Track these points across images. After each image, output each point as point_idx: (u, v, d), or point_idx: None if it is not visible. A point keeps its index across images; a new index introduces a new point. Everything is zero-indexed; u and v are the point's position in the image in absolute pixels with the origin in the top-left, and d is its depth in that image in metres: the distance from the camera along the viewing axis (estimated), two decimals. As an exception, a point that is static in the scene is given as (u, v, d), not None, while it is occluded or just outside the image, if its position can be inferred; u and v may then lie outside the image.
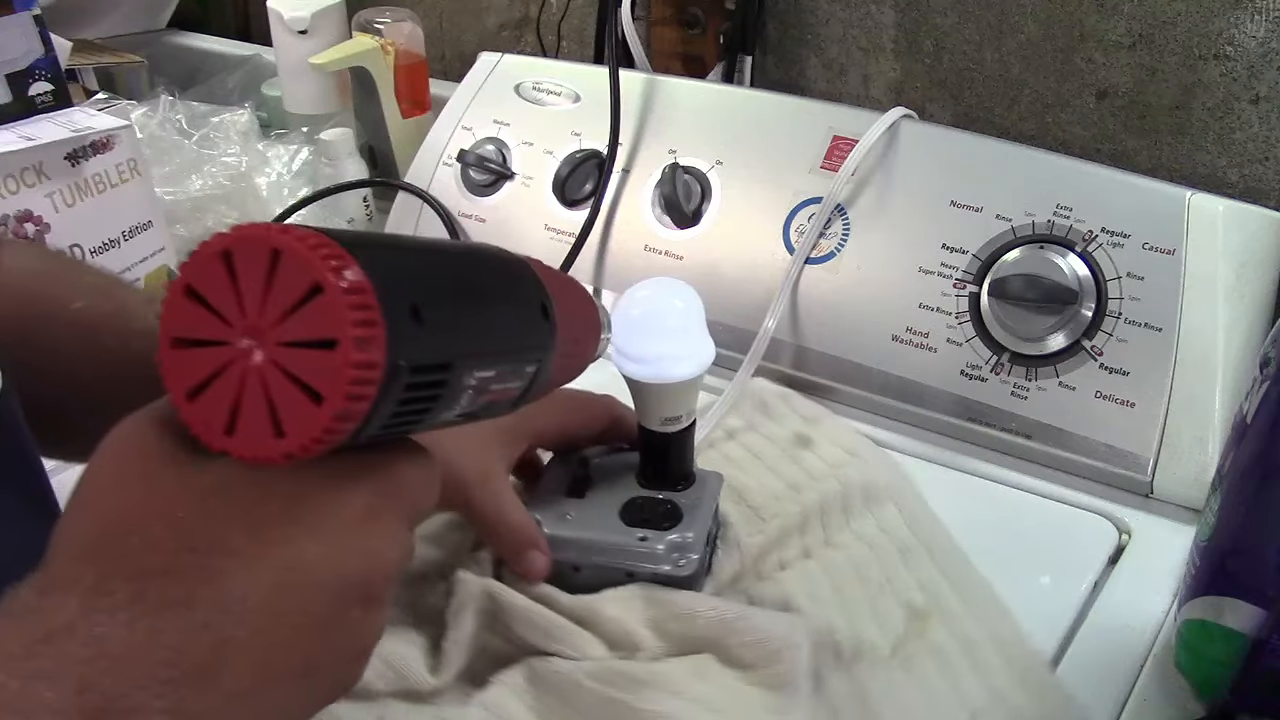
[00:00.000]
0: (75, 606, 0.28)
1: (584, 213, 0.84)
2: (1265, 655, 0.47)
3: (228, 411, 0.28)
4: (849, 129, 0.79)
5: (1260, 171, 0.81)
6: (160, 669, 0.28)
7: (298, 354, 0.27)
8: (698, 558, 0.54)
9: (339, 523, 0.31)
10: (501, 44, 1.18)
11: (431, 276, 0.32)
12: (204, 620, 0.28)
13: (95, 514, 0.30)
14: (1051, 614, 0.57)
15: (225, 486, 0.30)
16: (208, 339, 0.28)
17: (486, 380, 0.33)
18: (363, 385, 0.27)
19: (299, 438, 0.27)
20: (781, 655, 0.49)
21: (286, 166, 0.96)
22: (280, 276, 0.27)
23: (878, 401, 0.74)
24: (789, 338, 0.75)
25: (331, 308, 0.27)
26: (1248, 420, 0.47)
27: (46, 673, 0.26)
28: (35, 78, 0.79)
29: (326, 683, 0.33)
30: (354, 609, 0.32)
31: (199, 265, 0.28)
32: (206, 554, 0.29)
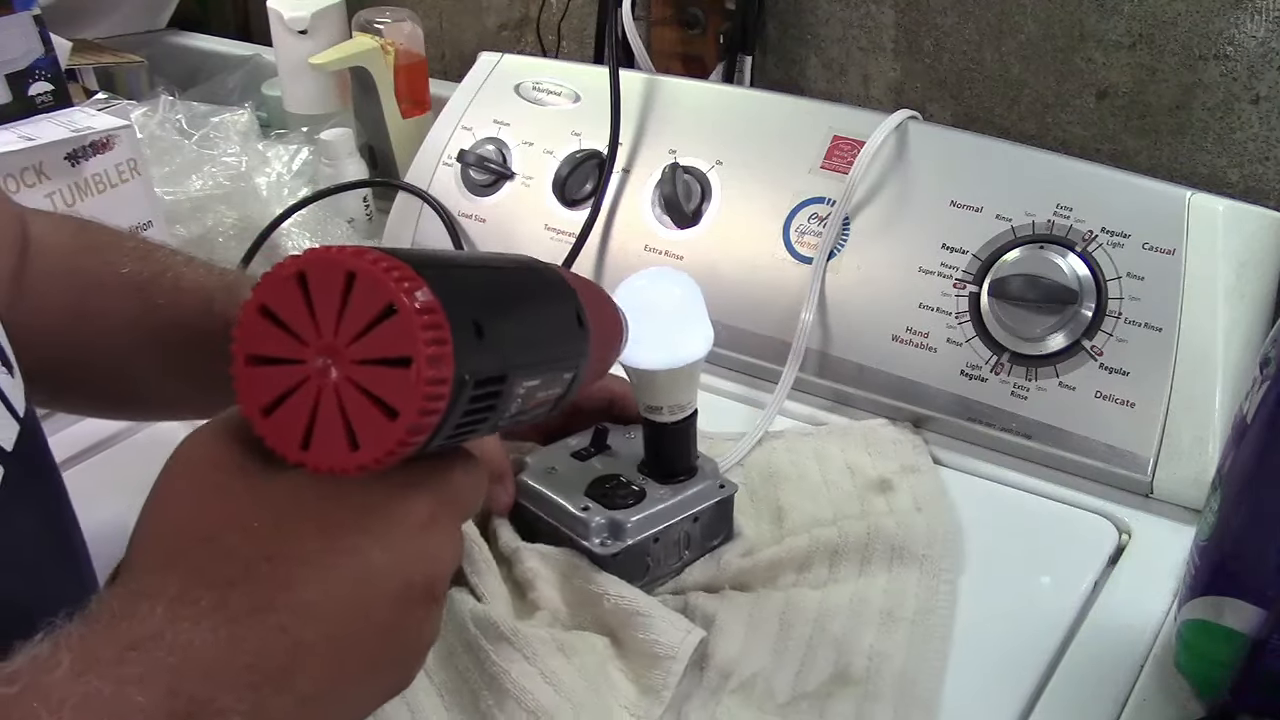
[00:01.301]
0: (161, 615, 0.29)
1: (584, 213, 0.84)
2: (1265, 655, 0.47)
3: (304, 426, 0.29)
4: (849, 129, 0.79)
5: (1260, 171, 0.81)
6: (242, 673, 0.29)
7: (372, 371, 0.29)
8: (624, 545, 0.55)
9: (404, 529, 0.32)
10: (501, 44, 1.18)
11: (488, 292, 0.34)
12: (281, 625, 0.30)
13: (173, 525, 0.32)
14: (1051, 614, 0.57)
15: (297, 496, 0.31)
16: (282, 357, 0.29)
17: (533, 389, 0.35)
18: (435, 400, 0.29)
19: (373, 451, 0.29)
20: (661, 663, 0.51)
21: (286, 166, 0.96)
22: (355, 298, 0.29)
23: (878, 401, 0.74)
24: (788, 337, 0.75)
25: (405, 327, 0.28)
26: (1248, 420, 0.47)
27: (137, 678, 0.28)
28: (35, 78, 0.79)
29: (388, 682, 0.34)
30: (416, 610, 0.33)
31: (274, 286, 0.29)
32: (282, 562, 0.30)
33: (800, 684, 0.52)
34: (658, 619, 0.52)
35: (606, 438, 0.61)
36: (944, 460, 0.70)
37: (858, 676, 0.52)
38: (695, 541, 0.59)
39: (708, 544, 0.59)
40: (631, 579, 0.55)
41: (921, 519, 0.61)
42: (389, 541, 0.32)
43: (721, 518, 0.60)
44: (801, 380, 0.75)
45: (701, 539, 0.59)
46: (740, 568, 0.58)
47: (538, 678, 0.49)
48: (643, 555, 0.56)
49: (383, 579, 0.32)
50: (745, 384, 0.77)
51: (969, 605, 0.58)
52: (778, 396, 0.72)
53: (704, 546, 0.59)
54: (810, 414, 0.74)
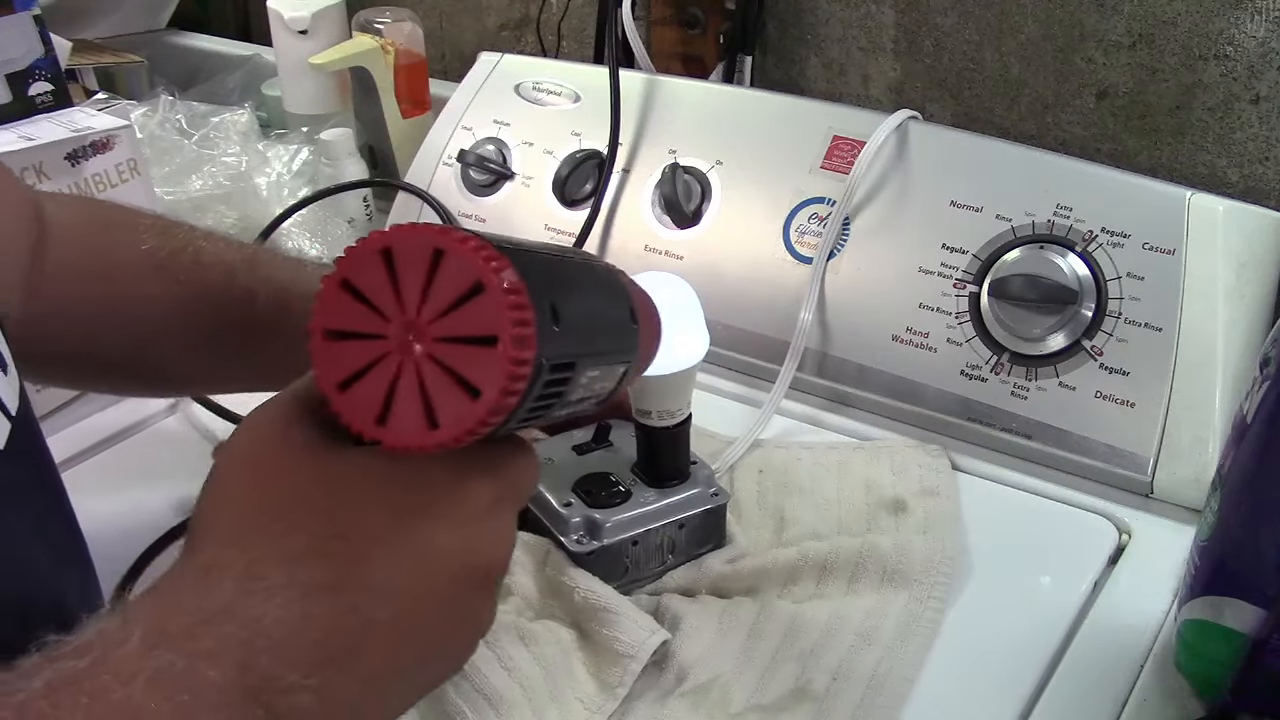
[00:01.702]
0: (231, 589, 0.29)
1: (584, 213, 0.84)
2: (1265, 655, 0.47)
3: (381, 402, 0.29)
4: (849, 129, 0.79)
5: (1260, 171, 0.81)
6: (311, 649, 0.29)
7: (456, 349, 0.28)
8: (600, 545, 0.55)
9: (470, 513, 0.32)
10: (501, 44, 1.18)
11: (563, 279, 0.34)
12: (351, 604, 0.30)
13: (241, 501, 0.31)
14: (1051, 614, 0.57)
15: (366, 475, 0.31)
16: (363, 332, 0.29)
17: (593, 380, 0.35)
18: (517, 381, 0.28)
19: (453, 429, 0.29)
20: (620, 661, 0.51)
21: (286, 166, 0.96)
22: (442, 274, 0.28)
23: (878, 401, 0.74)
24: (788, 337, 0.75)
25: (493, 306, 0.28)
26: (1248, 420, 0.47)
27: (209, 652, 0.28)
28: (35, 78, 0.79)
29: (445, 664, 0.34)
30: (477, 594, 0.34)
31: (358, 261, 0.29)
32: (351, 540, 0.30)
33: (758, 695, 0.52)
34: (623, 617, 0.52)
35: (609, 433, 0.61)
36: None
37: (816, 694, 0.51)
38: (680, 547, 0.59)
39: (694, 550, 0.59)
40: (608, 578, 0.55)
41: (922, 543, 0.60)
42: (455, 524, 0.32)
43: (711, 525, 0.59)
44: (802, 380, 0.75)
45: (687, 545, 0.59)
46: (720, 574, 0.58)
47: (495, 663, 0.50)
48: (620, 556, 0.57)
49: (448, 561, 0.32)
50: (745, 384, 0.77)
51: (969, 605, 0.58)
52: (774, 396, 0.72)
53: (689, 553, 0.59)
54: (810, 414, 0.74)
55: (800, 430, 0.73)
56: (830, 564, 0.58)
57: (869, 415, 0.74)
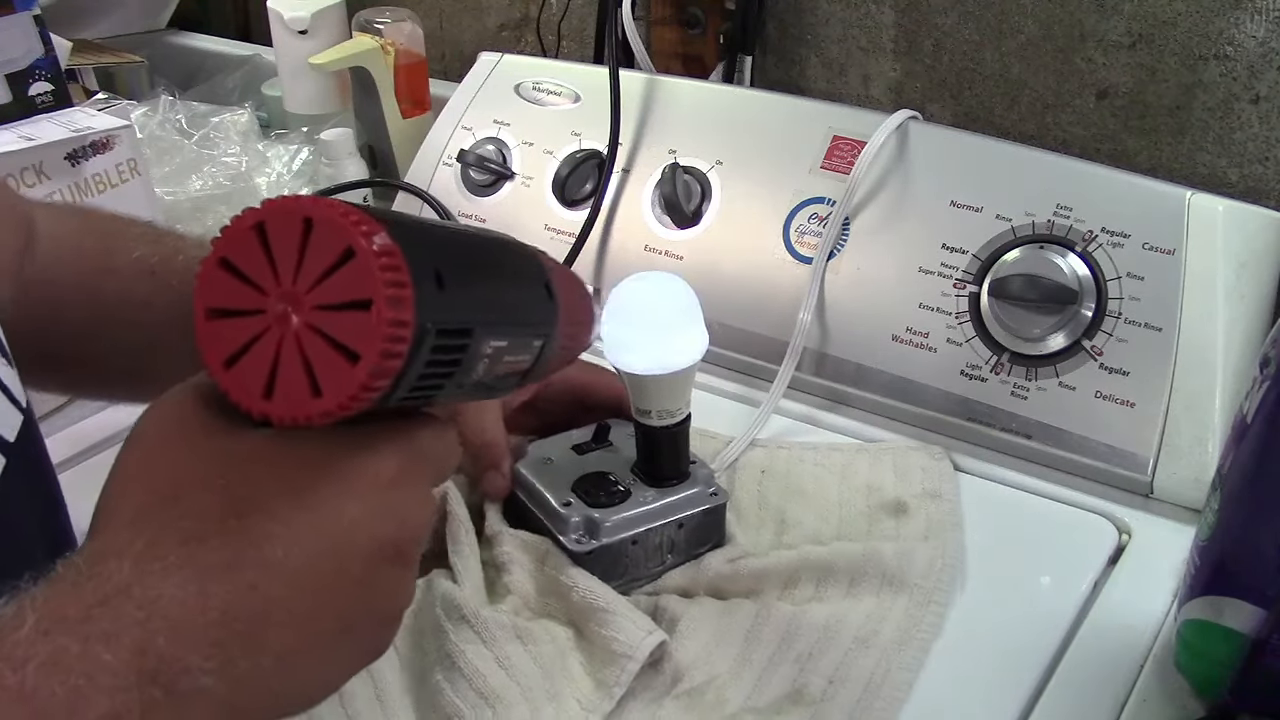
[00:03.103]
0: (129, 571, 0.28)
1: (584, 213, 0.84)
2: (1265, 655, 0.47)
3: (265, 376, 0.29)
4: (849, 129, 0.79)
5: (1260, 171, 0.81)
6: (210, 630, 0.29)
7: (333, 316, 0.28)
8: (599, 544, 0.56)
9: (372, 485, 0.32)
10: (501, 44, 1.18)
11: (450, 247, 0.33)
12: (250, 582, 0.29)
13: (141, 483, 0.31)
14: (1051, 614, 0.57)
15: (264, 453, 0.31)
16: (243, 309, 0.29)
17: (500, 350, 0.35)
18: (396, 343, 0.28)
19: (336, 396, 0.28)
20: (618, 660, 0.51)
21: (286, 166, 0.96)
22: (313, 243, 0.28)
23: (878, 401, 0.74)
24: (788, 337, 0.75)
25: (364, 270, 0.28)
26: (1248, 420, 0.47)
27: (104, 634, 0.27)
28: (35, 78, 0.79)
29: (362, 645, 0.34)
30: (387, 570, 0.33)
31: (232, 238, 0.29)
32: (250, 518, 0.30)
33: (753, 698, 0.51)
34: (621, 617, 0.52)
35: (609, 433, 0.61)
36: (944, 460, 0.70)
37: (812, 697, 0.51)
38: (679, 547, 0.59)
39: (693, 550, 0.59)
40: (607, 578, 0.55)
41: (924, 548, 0.59)
42: (356, 497, 0.32)
43: (710, 525, 0.59)
44: (801, 380, 0.75)
45: (686, 545, 0.59)
46: (720, 573, 0.58)
47: (492, 661, 0.50)
48: (620, 556, 0.57)
49: (350, 535, 0.31)
50: (744, 384, 0.77)
51: (969, 605, 0.58)
52: (773, 396, 0.72)
53: (689, 553, 0.59)
54: (811, 414, 0.74)
55: (800, 430, 0.73)
56: (831, 567, 0.58)
57: (869, 415, 0.74)
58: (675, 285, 0.57)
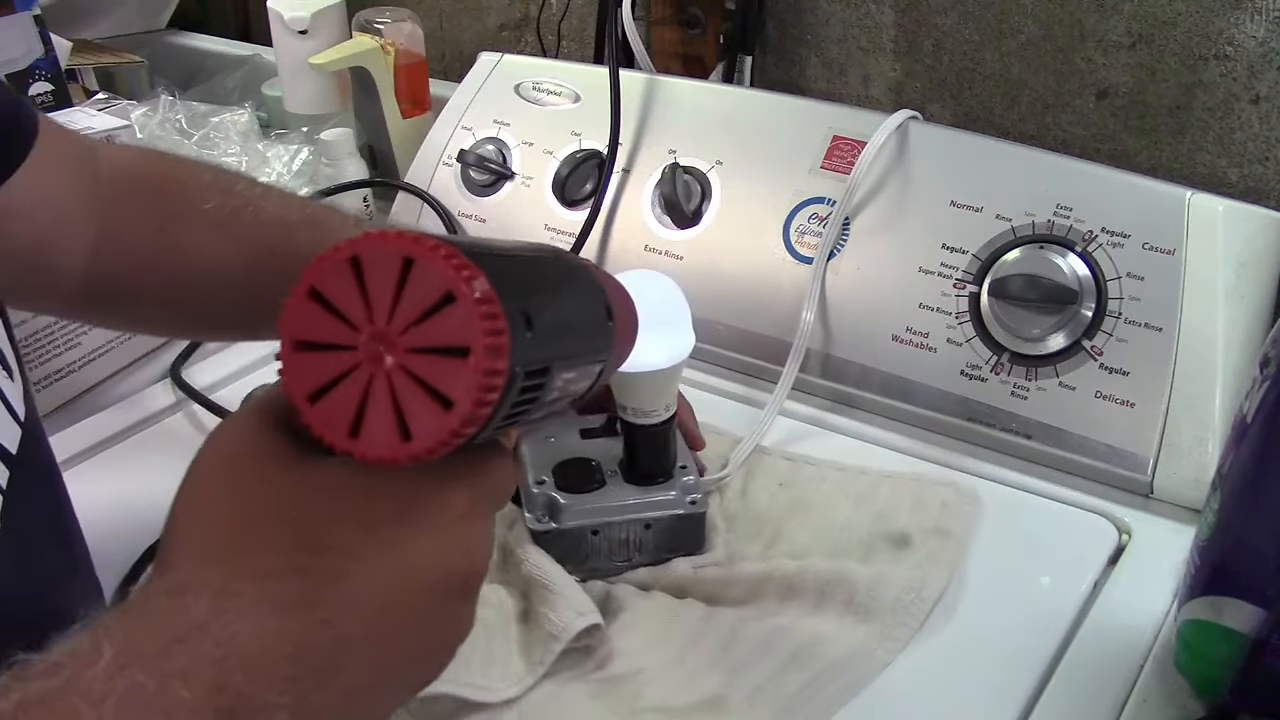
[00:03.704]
0: (205, 607, 0.28)
1: (584, 213, 0.84)
2: (1265, 655, 0.47)
3: (353, 414, 0.29)
4: (849, 129, 0.79)
5: (1260, 171, 0.81)
6: (284, 666, 0.28)
7: (428, 360, 0.28)
8: (555, 527, 0.56)
9: (445, 521, 0.32)
10: (501, 44, 1.18)
11: (534, 283, 0.33)
12: (325, 618, 0.29)
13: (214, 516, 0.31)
14: (1051, 614, 0.57)
15: (340, 487, 0.31)
16: (333, 343, 0.29)
17: (568, 381, 0.35)
18: (490, 392, 0.28)
19: (425, 441, 0.28)
20: (546, 639, 0.52)
21: (286, 166, 0.96)
22: (412, 283, 0.28)
23: (878, 401, 0.74)
24: (788, 337, 0.75)
25: (465, 317, 0.27)
26: (1248, 420, 0.47)
27: (182, 672, 0.27)
28: (35, 78, 0.79)
29: (423, 674, 0.34)
30: (454, 603, 0.33)
31: (326, 270, 0.29)
32: (326, 553, 0.30)
33: (670, 698, 0.51)
34: (559, 597, 0.52)
35: (617, 423, 0.61)
36: (944, 460, 0.70)
37: (730, 708, 0.50)
38: (647, 547, 0.59)
39: (662, 554, 0.59)
40: (564, 561, 0.56)
41: (901, 578, 0.57)
42: (431, 533, 0.31)
43: (684, 532, 0.59)
44: (802, 380, 0.75)
45: (655, 547, 0.59)
46: (683, 578, 0.58)
47: None
48: (579, 542, 0.57)
49: (423, 571, 0.31)
50: (745, 384, 0.77)
51: (969, 605, 0.58)
52: (777, 397, 0.72)
53: (657, 555, 0.59)
54: (812, 415, 0.74)
55: (808, 431, 0.73)
56: (797, 585, 0.56)
57: (869, 415, 0.74)
58: (663, 284, 0.57)
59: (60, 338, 0.73)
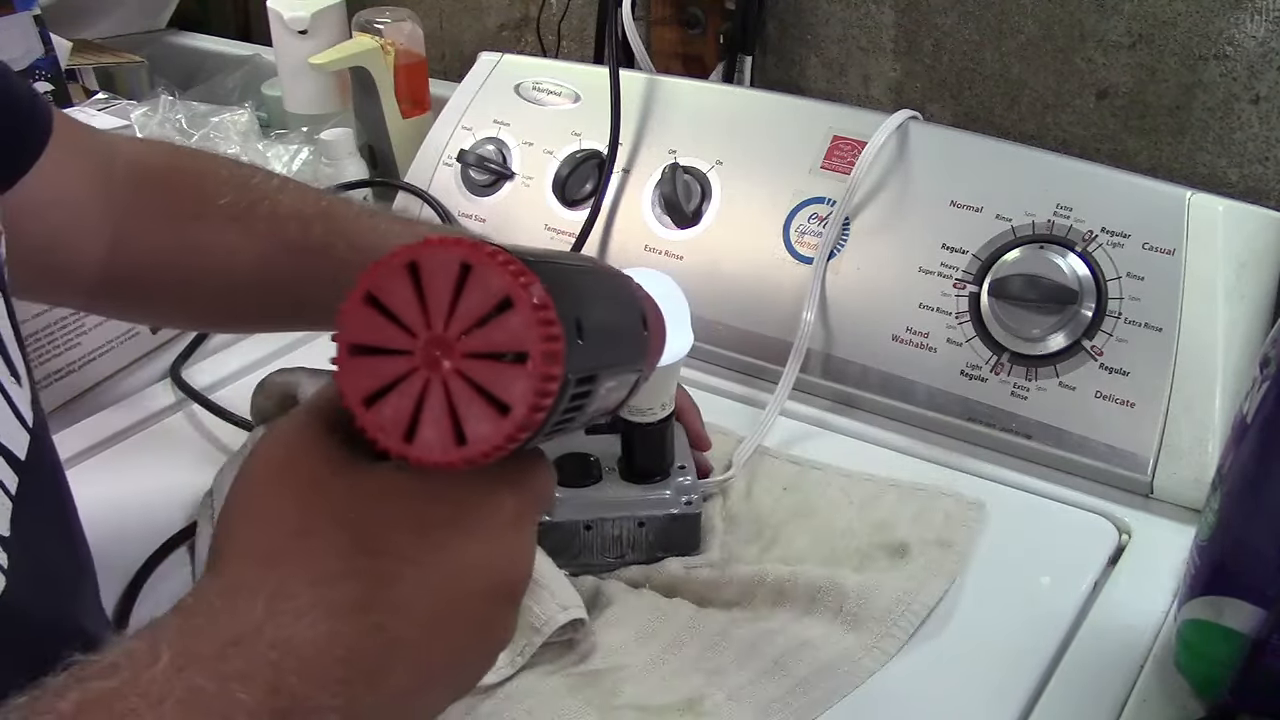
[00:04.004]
0: (261, 610, 0.29)
1: (584, 213, 0.84)
2: (1265, 655, 0.47)
3: (408, 418, 0.29)
4: (849, 129, 0.79)
5: (1260, 171, 0.81)
6: (337, 668, 0.29)
7: (485, 365, 0.28)
8: (548, 520, 0.56)
9: (495, 527, 0.32)
10: (501, 44, 1.18)
11: (584, 292, 0.34)
12: (378, 622, 0.30)
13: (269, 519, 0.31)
14: (1051, 614, 0.57)
15: (393, 491, 0.31)
16: (389, 347, 0.29)
17: (611, 390, 0.35)
18: (546, 398, 0.28)
19: (481, 446, 0.28)
20: (526, 631, 0.51)
21: (286, 166, 0.96)
22: (470, 289, 0.28)
23: (878, 401, 0.74)
24: (788, 337, 0.75)
25: (523, 322, 0.28)
26: (1248, 420, 0.47)
27: (239, 674, 0.27)
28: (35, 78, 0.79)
29: (468, 677, 0.34)
30: (500, 609, 0.33)
31: (382, 275, 0.29)
32: (380, 557, 0.30)
33: (647, 697, 0.51)
34: (544, 590, 0.52)
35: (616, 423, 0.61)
36: (944, 460, 0.70)
37: (704, 710, 0.50)
38: (640, 546, 0.59)
39: (655, 553, 0.59)
40: (555, 555, 0.56)
41: (892, 587, 0.56)
42: (482, 539, 0.32)
43: (678, 532, 0.59)
44: (802, 380, 0.75)
45: (649, 546, 0.59)
46: (674, 577, 0.58)
47: None
48: (572, 537, 0.57)
49: (475, 577, 0.32)
50: (745, 384, 0.77)
51: (969, 605, 0.58)
52: (778, 397, 0.72)
53: (650, 554, 0.59)
54: (812, 415, 0.74)
55: (809, 432, 0.73)
56: (788, 590, 0.56)
57: (869, 415, 0.74)
58: (662, 283, 0.57)
59: (60, 338, 0.73)
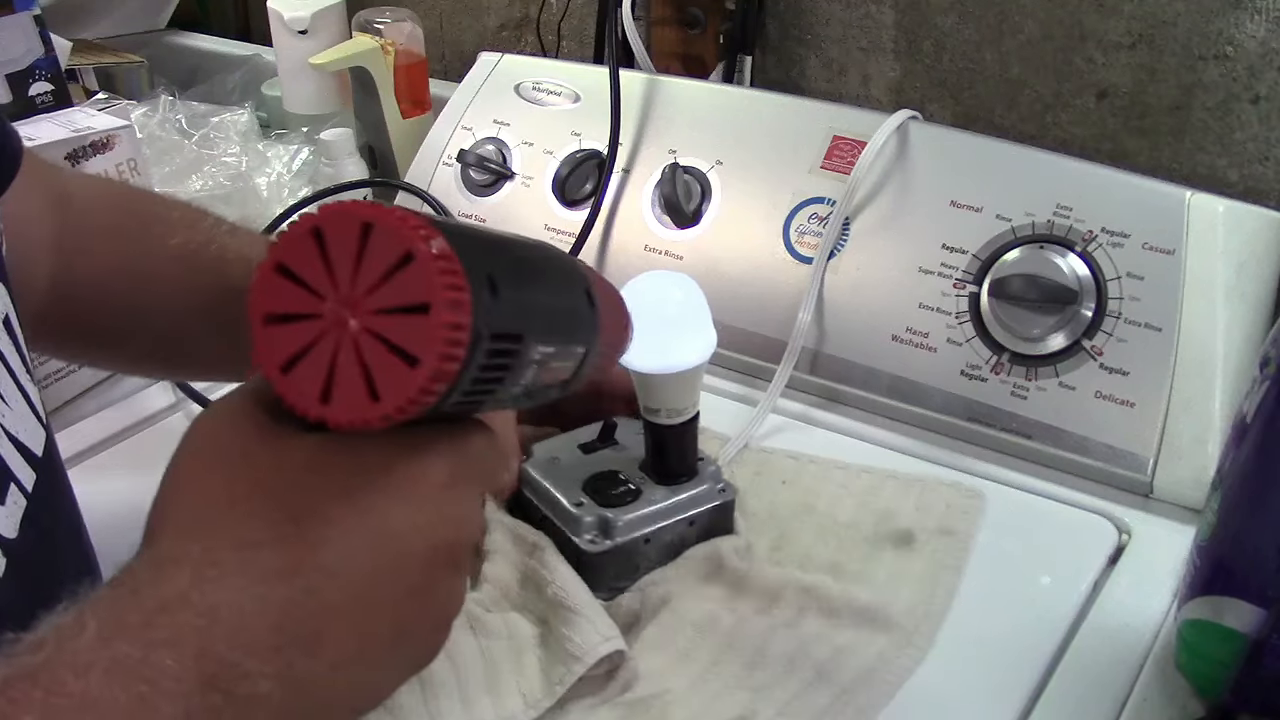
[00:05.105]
0: (187, 578, 0.29)
1: (584, 213, 0.84)
2: (1265, 655, 0.47)
3: (323, 380, 0.29)
4: (849, 129, 0.79)
5: (1260, 171, 0.81)
6: (268, 635, 0.29)
7: (391, 320, 0.29)
8: (613, 544, 0.55)
9: (425, 490, 0.32)
10: (501, 44, 1.18)
11: (501, 254, 0.34)
12: (307, 587, 0.30)
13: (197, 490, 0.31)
14: (1051, 614, 0.57)
15: (319, 459, 0.31)
16: (300, 313, 0.29)
17: (547, 356, 0.35)
18: (454, 346, 0.28)
19: (395, 399, 0.29)
20: (567, 660, 0.50)
21: (286, 166, 0.96)
22: (371, 248, 0.29)
23: (878, 401, 0.74)
24: (788, 337, 0.75)
25: (424, 274, 0.28)
26: (1248, 420, 0.47)
27: (166, 641, 0.27)
28: (35, 78, 0.79)
29: (416, 651, 0.34)
30: (441, 575, 0.33)
31: (290, 244, 0.29)
32: (306, 524, 0.30)
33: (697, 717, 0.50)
34: (582, 619, 0.51)
35: (615, 431, 0.61)
36: (944, 460, 0.70)
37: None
38: (690, 543, 0.58)
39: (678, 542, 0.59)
40: (620, 578, 0.55)
41: (910, 597, 0.57)
42: (410, 502, 0.32)
43: (720, 521, 0.59)
44: (803, 380, 0.75)
45: (696, 539, 0.59)
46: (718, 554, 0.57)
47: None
48: (633, 554, 0.56)
49: (406, 540, 0.32)
50: (744, 384, 0.77)
51: (969, 605, 0.58)
52: (770, 395, 0.72)
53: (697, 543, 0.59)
54: (812, 415, 0.74)
55: (799, 429, 0.73)
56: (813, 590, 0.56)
57: (869, 415, 0.74)
58: (684, 284, 0.58)
59: (60, 338, 0.73)
